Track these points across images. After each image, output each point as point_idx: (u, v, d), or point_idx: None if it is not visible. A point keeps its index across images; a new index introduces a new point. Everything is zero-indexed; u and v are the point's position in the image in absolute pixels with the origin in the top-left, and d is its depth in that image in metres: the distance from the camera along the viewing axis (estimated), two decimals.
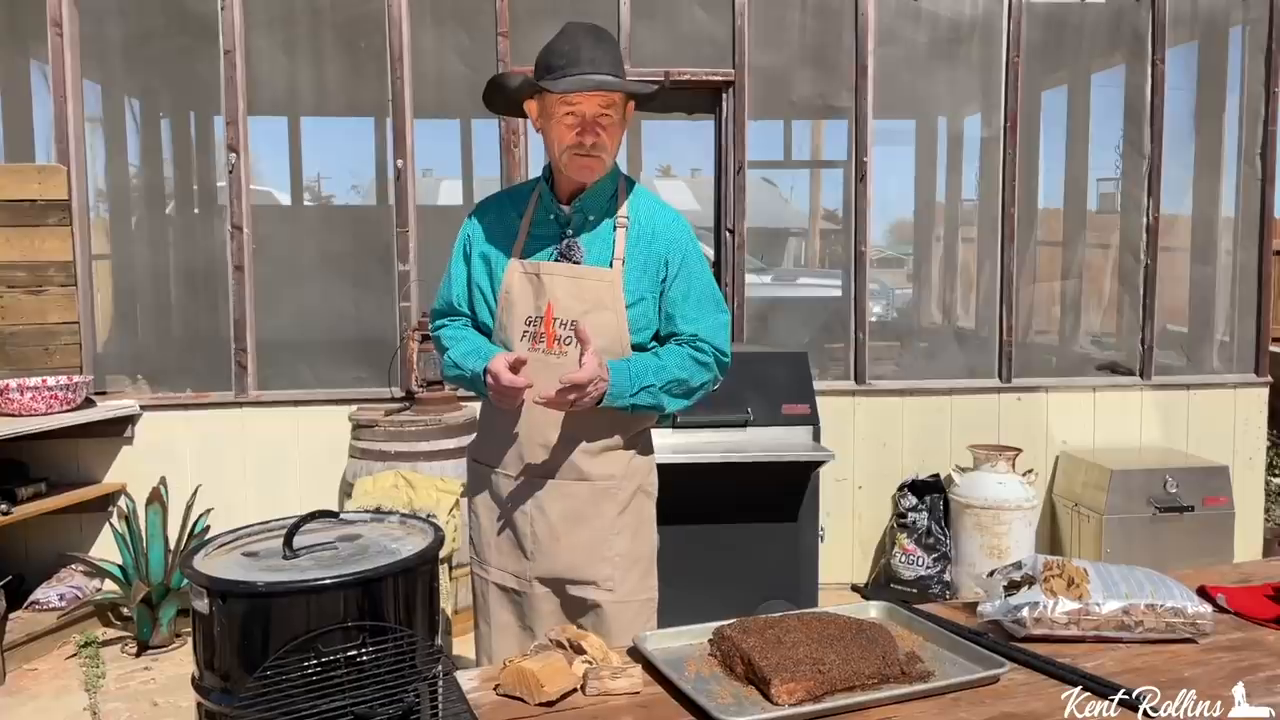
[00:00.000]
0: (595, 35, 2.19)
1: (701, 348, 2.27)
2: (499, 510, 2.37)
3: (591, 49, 2.15)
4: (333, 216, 6.27)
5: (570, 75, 2.13)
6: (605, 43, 2.19)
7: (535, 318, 2.25)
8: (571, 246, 2.27)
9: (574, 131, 2.17)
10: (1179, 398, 5.27)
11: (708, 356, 2.28)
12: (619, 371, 2.17)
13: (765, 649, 1.62)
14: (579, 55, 2.14)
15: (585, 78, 2.12)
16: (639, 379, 2.19)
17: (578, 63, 2.13)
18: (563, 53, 2.16)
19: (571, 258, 2.25)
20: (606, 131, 2.19)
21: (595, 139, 2.18)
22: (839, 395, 5.00)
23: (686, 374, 2.25)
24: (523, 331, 2.26)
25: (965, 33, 5.23)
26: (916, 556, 4.78)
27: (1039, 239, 5.76)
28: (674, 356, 2.25)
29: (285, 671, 1.78)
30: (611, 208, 2.29)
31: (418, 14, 4.82)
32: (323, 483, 4.69)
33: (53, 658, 4.18)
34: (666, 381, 2.22)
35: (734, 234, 5.00)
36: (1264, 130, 5.25)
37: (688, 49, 4.97)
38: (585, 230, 2.28)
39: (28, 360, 4.50)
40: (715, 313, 2.30)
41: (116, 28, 4.93)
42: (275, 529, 2.18)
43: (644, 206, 2.31)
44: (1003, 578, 1.90)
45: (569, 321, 2.21)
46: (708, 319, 2.29)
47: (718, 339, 2.29)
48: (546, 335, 2.24)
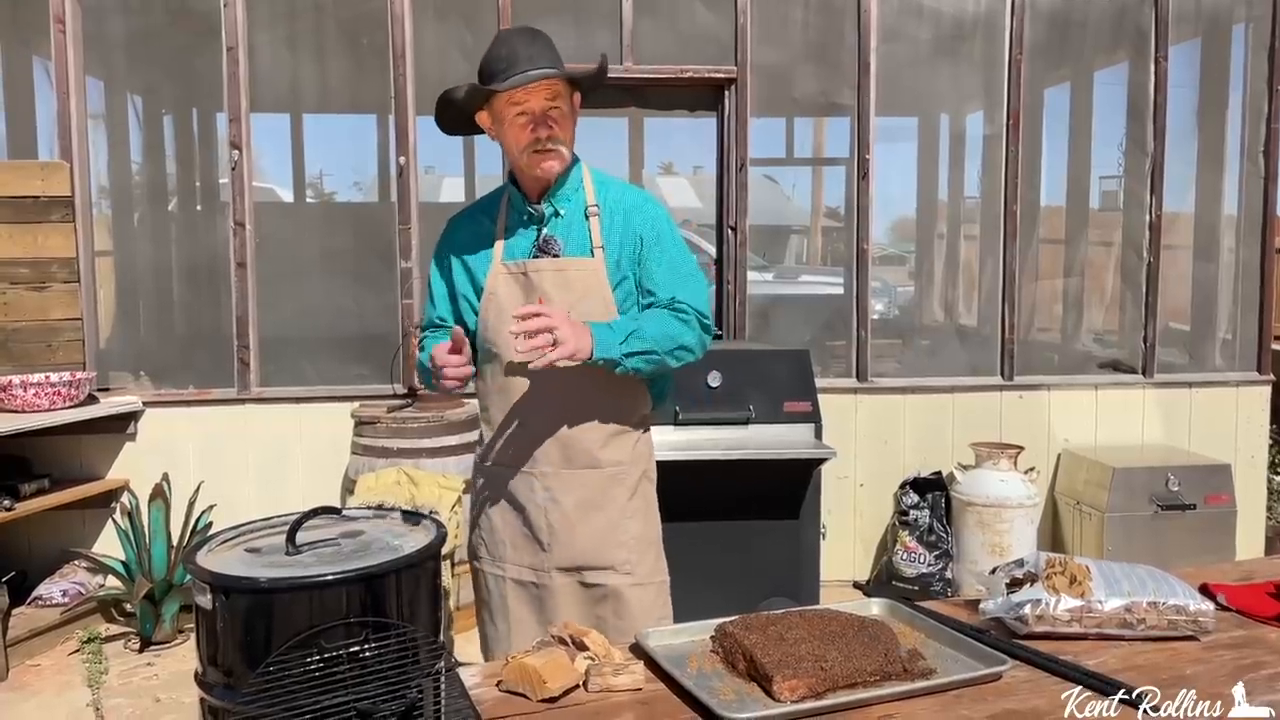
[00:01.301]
0: (529, 35, 2.23)
1: (681, 308, 2.29)
2: (513, 506, 2.39)
3: (528, 47, 2.19)
4: (335, 213, 6.27)
5: (512, 75, 2.17)
6: (540, 40, 2.23)
7: None
8: (549, 241, 2.31)
9: (528, 129, 2.21)
10: (1181, 396, 5.26)
11: (689, 315, 2.28)
12: (601, 327, 2.17)
13: (767, 646, 1.62)
14: (516, 56, 2.18)
15: (527, 73, 2.16)
16: (623, 329, 2.19)
17: (517, 62, 2.17)
18: (501, 57, 2.20)
19: (551, 251, 2.30)
20: (559, 124, 2.23)
21: (550, 131, 2.21)
22: (841, 393, 5.00)
23: (671, 329, 2.25)
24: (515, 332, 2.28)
25: (968, 30, 5.23)
26: (918, 554, 4.79)
27: (1041, 237, 5.76)
28: (655, 313, 2.27)
29: (288, 667, 1.78)
30: (580, 198, 2.33)
31: (420, 11, 4.82)
32: (325, 479, 4.69)
33: (55, 654, 4.19)
34: (654, 333, 2.22)
35: (736, 231, 5.00)
36: (1267, 127, 5.24)
37: (690, 46, 4.97)
38: (559, 224, 2.32)
39: (31, 357, 4.51)
40: (691, 280, 2.33)
41: (119, 24, 4.94)
42: (278, 525, 2.19)
43: (611, 191, 2.35)
44: (1005, 575, 1.90)
45: None
46: (685, 285, 2.31)
47: (697, 301, 2.31)
48: None
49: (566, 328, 2.07)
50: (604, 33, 4.86)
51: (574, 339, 2.08)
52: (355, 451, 4.44)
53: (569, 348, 2.07)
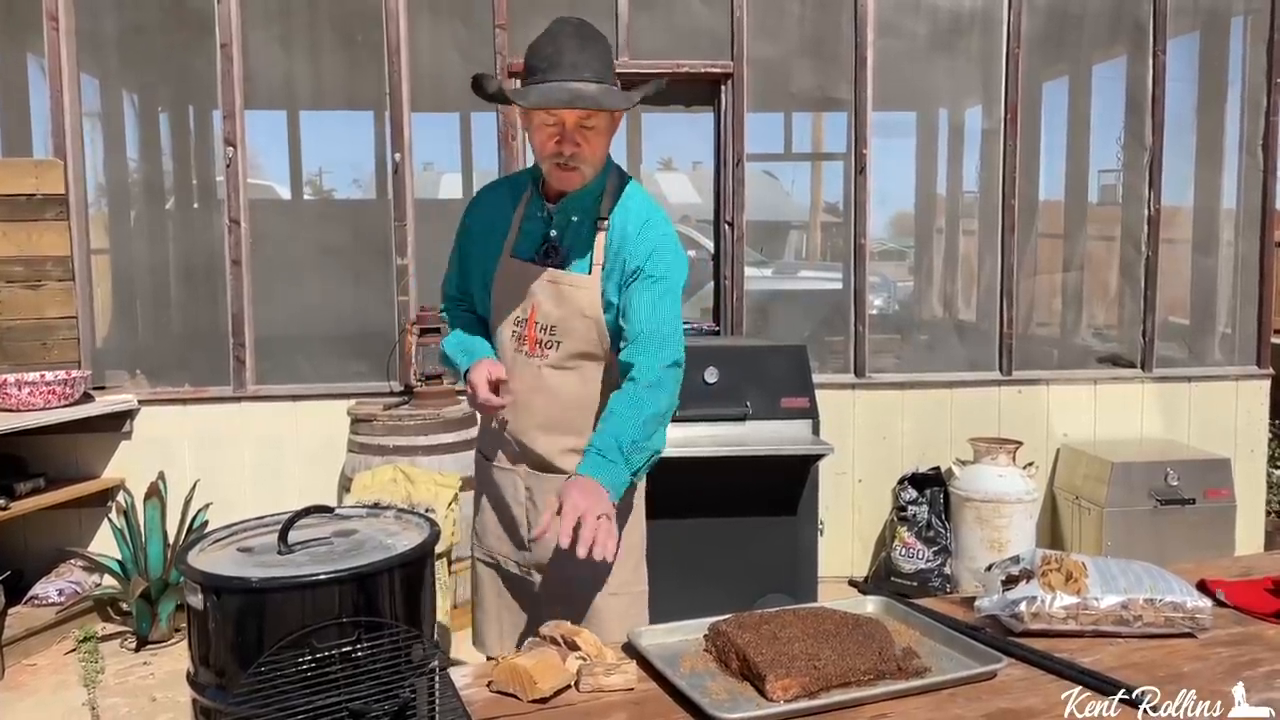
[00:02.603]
0: (580, 36, 2.07)
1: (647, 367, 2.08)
2: (499, 499, 2.38)
3: (575, 52, 2.03)
4: (331, 210, 6.25)
5: (548, 81, 2.02)
6: (591, 44, 2.07)
7: (521, 319, 2.24)
8: (553, 249, 2.21)
9: (554, 140, 2.08)
10: (1180, 390, 5.25)
11: (654, 375, 2.07)
12: (600, 468, 1.95)
13: (760, 645, 1.61)
14: (560, 59, 2.03)
15: (561, 85, 2.01)
16: (618, 452, 1.98)
17: (558, 67, 2.02)
18: (544, 55, 2.05)
19: (553, 261, 2.20)
20: (588, 142, 2.09)
21: (575, 149, 2.08)
22: (839, 388, 4.98)
23: (649, 409, 2.04)
24: (511, 331, 2.27)
25: (965, 24, 5.21)
26: (917, 550, 4.78)
27: (1040, 231, 5.74)
28: (621, 403, 2.06)
29: (280, 667, 1.77)
30: (596, 209, 2.20)
31: (415, 7, 4.80)
32: (321, 477, 4.68)
33: (51, 653, 4.18)
34: (639, 431, 2.02)
35: (733, 227, 4.98)
36: (1265, 121, 5.23)
37: (686, 41, 4.95)
38: (569, 232, 2.22)
39: (25, 355, 4.49)
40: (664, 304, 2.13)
41: (113, 21, 4.92)
42: (271, 524, 2.17)
43: (625, 209, 2.19)
44: (1000, 572, 1.89)
45: (549, 326, 2.20)
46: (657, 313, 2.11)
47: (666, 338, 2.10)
48: (529, 339, 2.22)
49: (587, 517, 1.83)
50: (601, 27, 4.82)
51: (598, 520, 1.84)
52: (351, 449, 4.43)
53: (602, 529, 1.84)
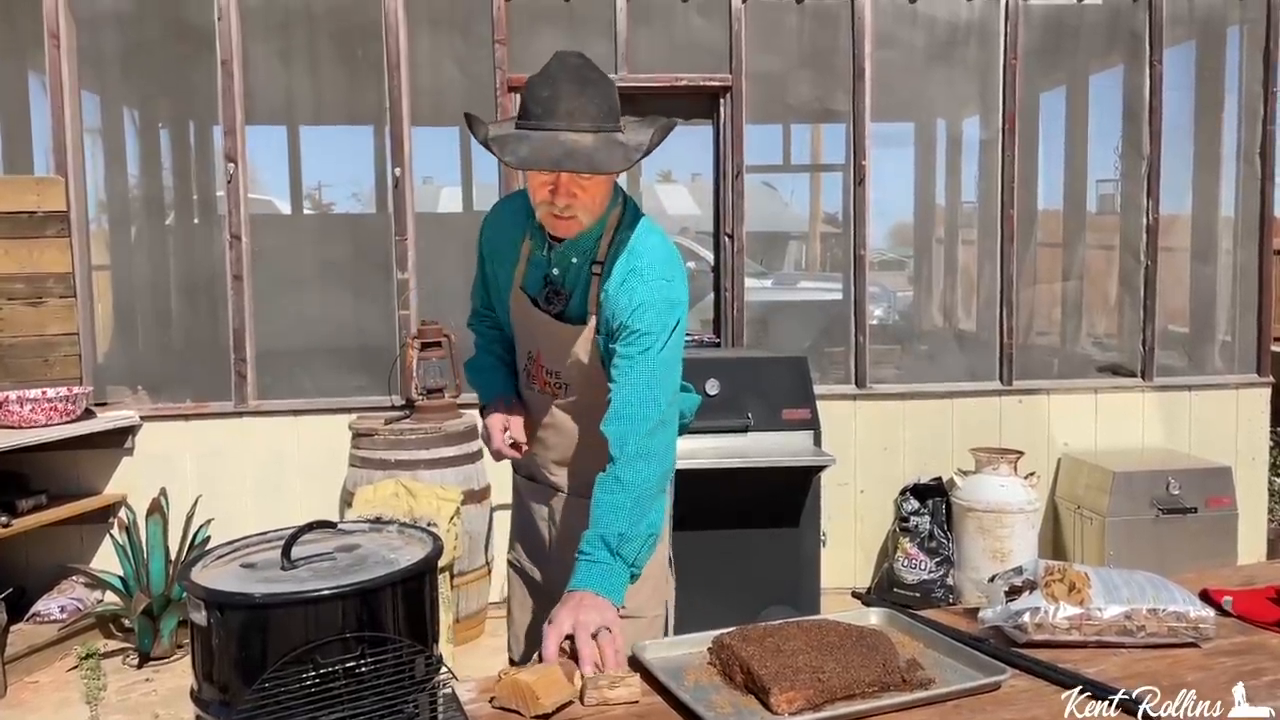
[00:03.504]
0: (580, 80, 1.89)
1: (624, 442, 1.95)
2: (529, 512, 2.39)
3: (572, 98, 1.86)
4: (332, 225, 6.26)
5: (542, 129, 1.86)
6: (591, 87, 1.89)
7: (531, 354, 2.22)
8: (555, 293, 2.11)
9: (546, 189, 1.93)
10: (1181, 398, 5.25)
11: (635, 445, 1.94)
12: (591, 577, 1.84)
13: (764, 657, 1.61)
14: (555, 106, 1.86)
15: (553, 138, 1.84)
16: (603, 549, 1.87)
17: (553, 115, 1.86)
18: (539, 99, 1.88)
19: (554, 306, 2.11)
20: (585, 191, 1.93)
21: (570, 200, 1.92)
22: (840, 399, 4.99)
23: (638, 487, 1.92)
24: (524, 365, 2.25)
25: (962, 35, 5.23)
26: (919, 560, 4.77)
27: (1039, 241, 5.75)
28: (608, 492, 1.93)
29: (284, 683, 1.77)
30: (595, 250, 2.06)
31: (415, 22, 4.82)
32: (323, 492, 4.68)
33: (54, 670, 4.18)
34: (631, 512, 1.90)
35: (733, 239, 4.99)
36: (1263, 129, 5.24)
37: (685, 55, 4.97)
38: (569, 274, 2.10)
39: (27, 372, 4.50)
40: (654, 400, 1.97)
41: (114, 38, 4.94)
42: (274, 540, 2.18)
43: (621, 257, 2.03)
44: (1003, 583, 1.89)
45: (554, 371, 2.17)
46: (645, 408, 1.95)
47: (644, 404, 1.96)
48: (538, 378, 2.21)
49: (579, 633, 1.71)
50: (600, 42, 4.86)
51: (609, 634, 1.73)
52: (353, 464, 4.44)
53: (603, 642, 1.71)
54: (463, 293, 5.44)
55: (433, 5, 4.85)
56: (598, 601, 1.78)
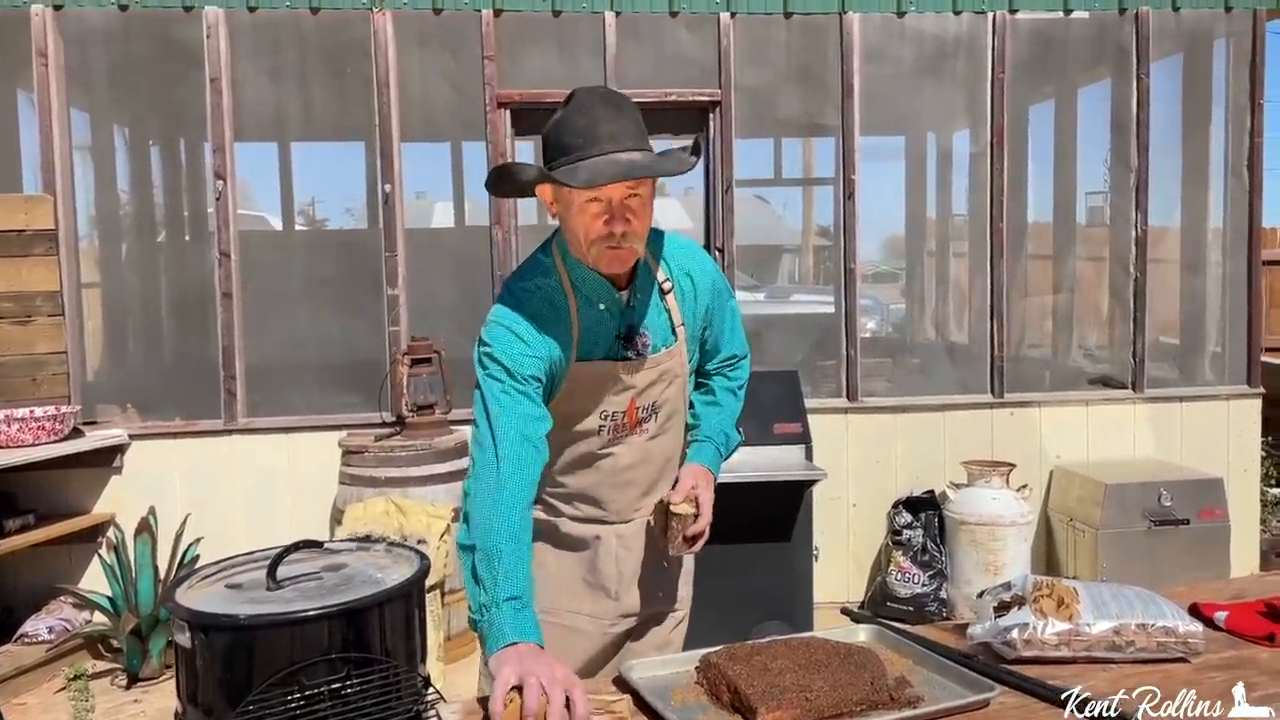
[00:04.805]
0: (613, 105, 1.89)
1: (738, 366, 2.32)
2: (575, 552, 2.19)
3: (611, 122, 1.85)
4: (322, 241, 6.26)
5: (590, 157, 1.83)
6: (625, 112, 1.89)
7: (614, 412, 2.06)
8: (642, 340, 2.04)
9: (601, 220, 1.87)
10: (1172, 410, 5.26)
11: (743, 372, 2.34)
12: (713, 458, 2.20)
13: (751, 676, 1.60)
14: (597, 131, 1.84)
15: (612, 159, 1.82)
16: (724, 443, 2.24)
17: (596, 140, 1.83)
18: (578, 130, 1.85)
19: (640, 349, 2.04)
20: (637, 215, 1.89)
21: (626, 226, 1.87)
22: (831, 413, 4.98)
23: (740, 403, 2.32)
24: (600, 426, 2.07)
25: (950, 49, 5.25)
26: (912, 574, 4.76)
27: (1029, 253, 5.77)
28: (727, 398, 2.29)
29: (269, 705, 1.76)
30: (649, 273, 2.06)
31: (403, 39, 4.83)
32: (313, 510, 4.66)
33: (42, 691, 4.14)
34: (736, 421, 2.30)
35: (723, 253, 5.00)
36: (1250, 142, 5.27)
37: (673, 70, 4.99)
38: (639, 310, 2.04)
39: (15, 391, 4.48)
40: (739, 323, 2.33)
41: (102, 57, 4.94)
42: (260, 560, 2.16)
43: (672, 257, 2.10)
44: (992, 599, 1.88)
45: (650, 405, 2.09)
46: (738, 335, 2.32)
47: (745, 346, 2.34)
48: (630, 423, 2.08)
49: (710, 508, 2.09)
50: (588, 58, 4.88)
51: (711, 504, 2.11)
52: (343, 481, 4.42)
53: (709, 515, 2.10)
54: (454, 308, 5.41)
55: (422, 22, 4.86)
56: (710, 481, 2.12)
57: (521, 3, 4.80)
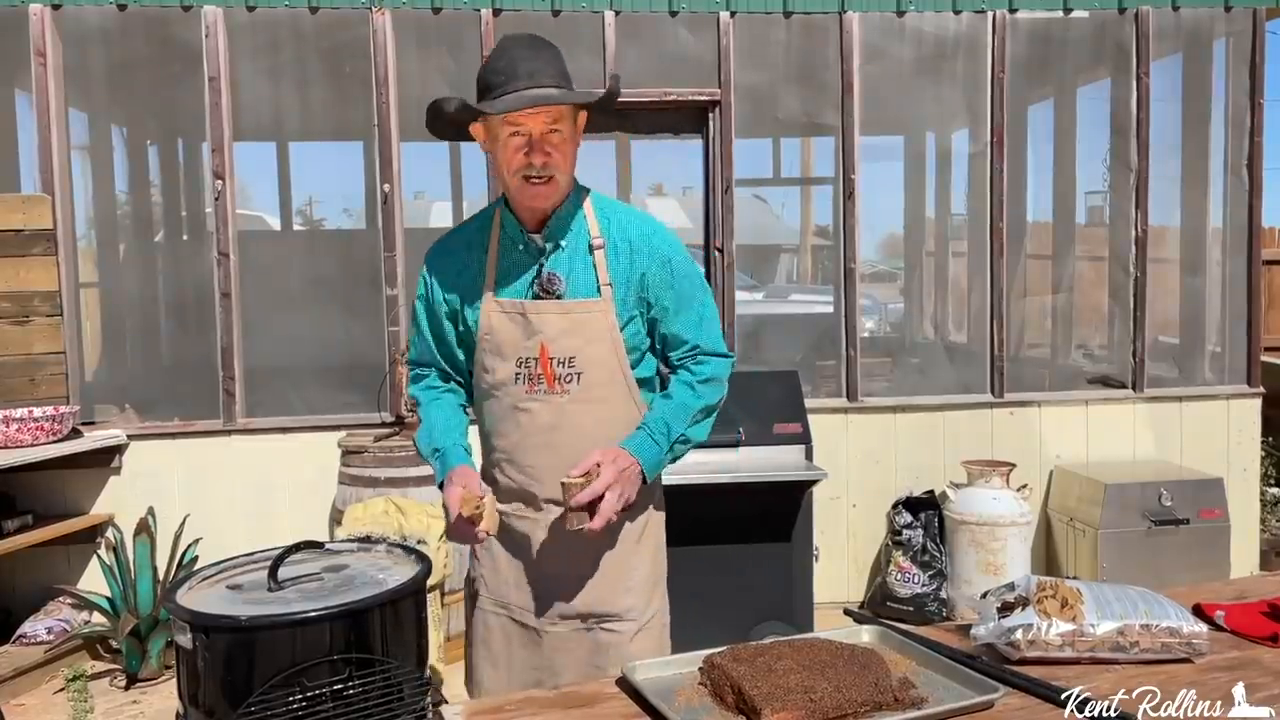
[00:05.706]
0: (532, 46, 2.05)
1: (704, 361, 2.20)
2: (518, 547, 2.24)
3: (530, 61, 2.02)
4: (321, 241, 6.26)
5: (510, 93, 2.00)
6: (544, 52, 2.05)
7: (528, 359, 2.13)
8: (551, 279, 2.12)
9: (521, 152, 2.03)
10: (1172, 410, 5.26)
11: (710, 369, 2.19)
12: (640, 443, 2.09)
13: (755, 677, 1.59)
14: (516, 69, 2.00)
15: (522, 94, 1.98)
16: (661, 433, 2.11)
17: (515, 77, 2.00)
18: (499, 69, 2.02)
19: (554, 291, 2.12)
20: (557, 150, 2.04)
21: (545, 159, 2.03)
22: (831, 413, 4.98)
23: (701, 400, 2.17)
24: (515, 374, 2.14)
25: (950, 49, 5.24)
26: (912, 574, 4.76)
27: (1029, 253, 5.77)
28: (682, 390, 2.17)
29: (271, 706, 1.75)
30: (584, 229, 2.15)
31: (402, 39, 4.82)
32: (313, 510, 4.65)
33: (41, 692, 4.13)
34: (690, 417, 2.15)
35: (723, 253, 4.99)
36: (1249, 141, 5.26)
37: (673, 69, 4.98)
38: (560, 258, 2.14)
39: (13, 391, 4.47)
40: (706, 317, 2.22)
41: (101, 56, 4.93)
42: (261, 560, 2.16)
43: (616, 221, 2.17)
44: (996, 599, 1.88)
45: (568, 359, 2.11)
46: (701, 327, 2.20)
47: (713, 339, 2.22)
48: (545, 376, 2.12)
49: (615, 483, 2.00)
50: (588, 57, 4.87)
51: (625, 485, 2.02)
52: (343, 481, 4.41)
53: (623, 496, 2.02)
54: None
55: (421, 21, 4.85)
56: (636, 473, 2.06)
57: (521, 2, 4.79)
